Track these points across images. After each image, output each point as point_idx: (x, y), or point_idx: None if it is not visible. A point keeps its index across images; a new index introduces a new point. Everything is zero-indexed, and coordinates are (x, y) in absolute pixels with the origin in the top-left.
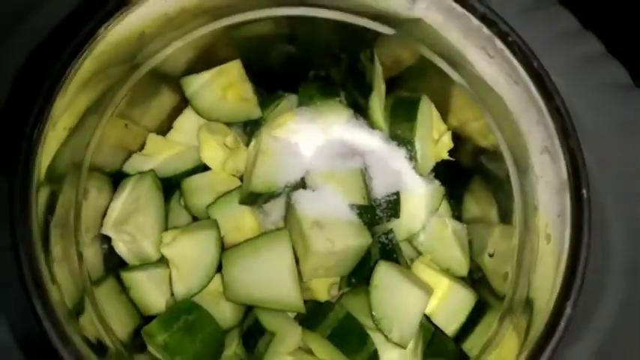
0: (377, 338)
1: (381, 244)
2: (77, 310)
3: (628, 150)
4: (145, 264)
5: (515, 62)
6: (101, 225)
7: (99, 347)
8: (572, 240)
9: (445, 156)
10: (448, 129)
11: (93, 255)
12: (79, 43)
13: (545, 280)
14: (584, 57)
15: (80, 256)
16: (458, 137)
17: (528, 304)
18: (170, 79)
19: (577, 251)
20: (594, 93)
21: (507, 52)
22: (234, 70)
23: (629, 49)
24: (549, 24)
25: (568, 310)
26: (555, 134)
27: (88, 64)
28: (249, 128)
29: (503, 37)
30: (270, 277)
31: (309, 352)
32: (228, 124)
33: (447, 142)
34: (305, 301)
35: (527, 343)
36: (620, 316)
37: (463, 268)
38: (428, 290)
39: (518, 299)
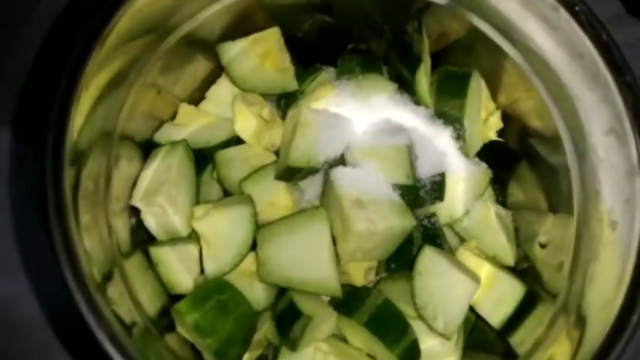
0: (417, 327)
1: (423, 227)
2: (106, 283)
3: None
4: (173, 239)
5: (581, 34)
6: (130, 196)
7: (128, 323)
8: None
9: (493, 137)
10: (497, 108)
11: (122, 227)
12: (113, 2)
13: (610, 273)
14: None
15: (110, 226)
16: (507, 117)
17: (586, 302)
18: (205, 46)
19: None
20: None
21: (573, 23)
22: (272, 37)
23: None
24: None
25: (636, 316)
26: (625, 113)
27: (121, 25)
28: (284, 102)
29: (569, 5)
30: (306, 257)
31: (343, 339)
32: (263, 97)
33: (495, 122)
34: (340, 286)
35: (584, 348)
36: None
37: (509, 257)
38: (476, 278)
39: (575, 293)
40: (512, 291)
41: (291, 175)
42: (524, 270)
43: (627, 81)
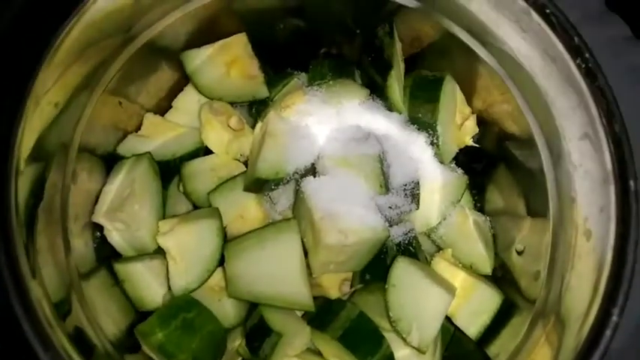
0: (392, 340)
1: (398, 237)
2: (62, 307)
3: None
4: (140, 255)
5: (553, 37)
6: (92, 212)
7: (85, 347)
8: (617, 237)
9: (469, 142)
10: (473, 112)
11: (82, 245)
12: (67, 10)
13: (585, 281)
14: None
15: (68, 246)
16: (483, 122)
17: (563, 310)
18: (169, 54)
19: (623, 250)
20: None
21: (545, 26)
22: (238, 44)
23: None
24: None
25: (614, 318)
26: (598, 118)
27: (76, 34)
28: (256, 110)
29: (540, 9)
30: (276, 271)
31: (318, 353)
32: (233, 105)
33: (471, 126)
34: (314, 299)
35: (563, 354)
36: None
37: (487, 265)
38: (451, 290)
39: (551, 302)
40: (488, 301)
41: (259, 186)
42: (500, 278)
43: (600, 86)
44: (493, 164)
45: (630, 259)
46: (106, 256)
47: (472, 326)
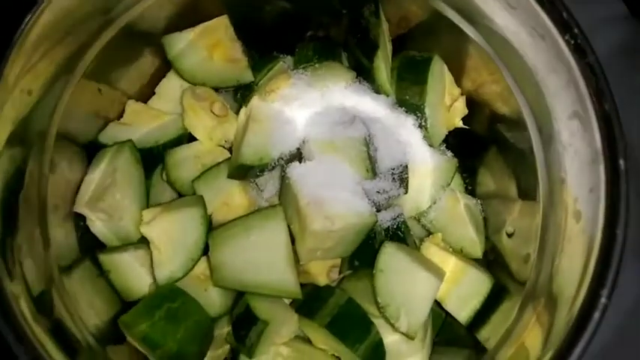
0: (381, 325)
1: (386, 222)
2: (42, 301)
3: None
4: (125, 245)
5: (541, 13)
6: (73, 202)
7: (67, 341)
8: (606, 218)
9: (459, 124)
10: (462, 93)
11: (63, 237)
12: None
13: (574, 263)
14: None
15: (47, 239)
16: (472, 103)
17: (553, 292)
18: (150, 38)
19: (613, 231)
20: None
21: (533, 2)
22: (220, 27)
23: None
24: None
25: (603, 300)
26: (588, 96)
27: (48, 16)
28: (240, 95)
29: None
30: (262, 259)
31: (307, 341)
32: (218, 92)
33: (460, 108)
34: (302, 286)
35: (553, 336)
36: None
37: (477, 249)
38: (439, 274)
39: (541, 285)
40: (479, 285)
41: (244, 172)
42: (491, 261)
43: (590, 62)
44: (484, 147)
45: (619, 240)
46: (89, 246)
47: (462, 311)
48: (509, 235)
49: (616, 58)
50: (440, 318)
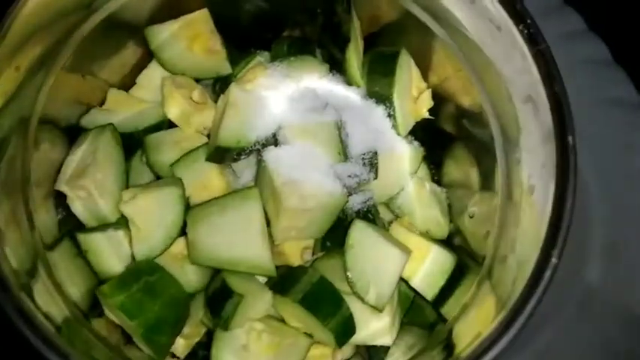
0: (355, 306)
1: (357, 205)
2: (29, 277)
3: (608, 127)
4: (103, 225)
5: (497, 5)
6: (55, 181)
7: (53, 314)
8: (557, 186)
9: (425, 115)
10: (428, 87)
11: (45, 215)
12: None
13: (529, 232)
14: (565, 34)
15: (30, 216)
16: (438, 96)
17: (509, 261)
18: (132, 30)
19: (563, 197)
20: (575, 69)
21: None
22: (201, 20)
23: (610, 26)
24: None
25: (554, 260)
26: (540, 80)
27: (32, 4)
28: (219, 87)
29: None
30: (238, 237)
31: (280, 320)
32: (197, 82)
33: (426, 99)
34: (277, 267)
35: (507, 299)
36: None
37: (443, 230)
38: (406, 250)
39: (499, 257)
40: (443, 262)
41: (221, 155)
42: (454, 241)
43: (541, 49)
44: (450, 138)
45: (569, 204)
46: (70, 226)
47: (428, 287)
48: (471, 217)
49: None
50: (408, 299)
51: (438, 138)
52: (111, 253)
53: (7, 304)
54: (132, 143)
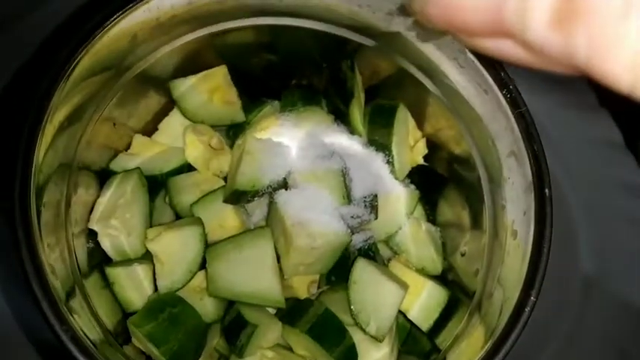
0: (357, 337)
1: (359, 243)
2: (69, 297)
3: (592, 162)
4: (128, 260)
5: (484, 72)
6: (88, 220)
7: (89, 334)
8: (535, 234)
9: (420, 161)
10: (423, 136)
11: (80, 248)
12: (78, 42)
13: (512, 272)
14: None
15: (70, 248)
16: (432, 144)
17: (494, 297)
18: (157, 83)
19: (540, 244)
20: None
21: (477, 64)
22: (220, 74)
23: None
24: None
25: (532, 298)
26: (520, 138)
27: (84, 63)
28: (233, 133)
29: (473, 49)
30: (253, 272)
31: (289, 348)
32: (213, 128)
33: (421, 148)
34: (285, 299)
35: (494, 330)
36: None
37: (437, 267)
38: (403, 285)
39: (487, 293)
40: (437, 297)
41: (238, 198)
42: (447, 277)
43: (522, 112)
44: (443, 182)
45: (545, 250)
46: (100, 260)
47: (425, 320)
48: (462, 255)
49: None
50: (405, 330)
51: (432, 181)
52: (134, 286)
53: (58, 324)
54: (155, 184)
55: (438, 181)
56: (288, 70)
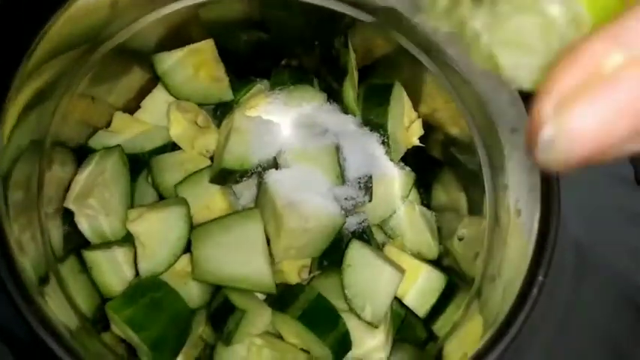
0: (350, 323)
1: (352, 226)
2: (43, 283)
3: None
4: (107, 243)
5: None
6: (64, 199)
7: (65, 321)
8: (542, 210)
9: (416, 142)
10: (419, 116)
11: (55, 230)
12: (47, 10)
13: (516, 253)
14: None
15: (43, 229)
16: (428, 126)
17: (497, 281)
18: (140, 57)
19: (547, 220)
20: None
21: None
22: (207, 49)
23: None
24: None
25: (540, 278)
26: (525, 113)
27: (53, 34)
28: (220, 112)
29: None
30: (240, 255)
31: (279, 337)
32: (200, 107)
33: (417, 128)
34: (276, 284)
35: (495, 316)
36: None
37: (433, 252)
38: (400, 269)
39: (489, 277)
40: (435, 282)
41: (225, 177)
42: (444, 262)
43: None
44: (438, 164)
45: (553, 227)
46: (77, 244)
47: (421, 306)
48: (460, 239)
49: None
50: (399, 318)
51: (428, 164)
52: (114, 271)
53: (26, 306)
54: (137, 164)
55: (433, 163)
56: (278, 49)
